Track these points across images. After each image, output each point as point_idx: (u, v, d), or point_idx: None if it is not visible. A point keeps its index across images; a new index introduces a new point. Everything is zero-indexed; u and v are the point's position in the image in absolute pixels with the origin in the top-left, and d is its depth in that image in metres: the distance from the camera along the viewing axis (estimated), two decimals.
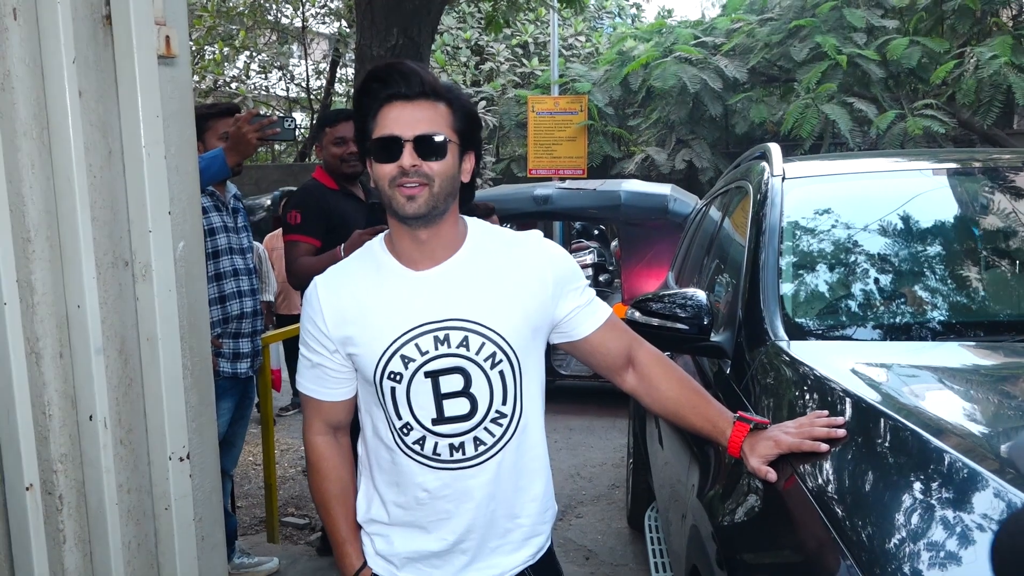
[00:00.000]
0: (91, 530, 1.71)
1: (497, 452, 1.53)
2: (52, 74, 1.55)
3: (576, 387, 6.73)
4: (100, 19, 1.65)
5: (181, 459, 1.80)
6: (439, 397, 1.49)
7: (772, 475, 1.50)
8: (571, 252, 11.00)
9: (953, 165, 2.76)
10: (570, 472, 5.07)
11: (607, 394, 6.28)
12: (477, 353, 1.49)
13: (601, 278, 11.43)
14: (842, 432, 1.48)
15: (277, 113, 16.16)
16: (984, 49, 8.68)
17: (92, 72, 1.63)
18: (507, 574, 1.58)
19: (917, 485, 1.31)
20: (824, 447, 1.46)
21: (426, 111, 1.46)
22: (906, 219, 2.38)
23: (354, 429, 1.65)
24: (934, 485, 1.30)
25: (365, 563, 1.60)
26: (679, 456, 2.33)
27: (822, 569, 1.26)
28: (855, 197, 2.60)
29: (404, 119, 1.45)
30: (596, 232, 13.06)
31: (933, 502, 1.26)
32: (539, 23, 16.20)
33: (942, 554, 1.17)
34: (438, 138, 1.45)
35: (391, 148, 1.44)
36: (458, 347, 1.49)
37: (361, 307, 1.51)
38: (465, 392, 1.49)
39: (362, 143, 1.51)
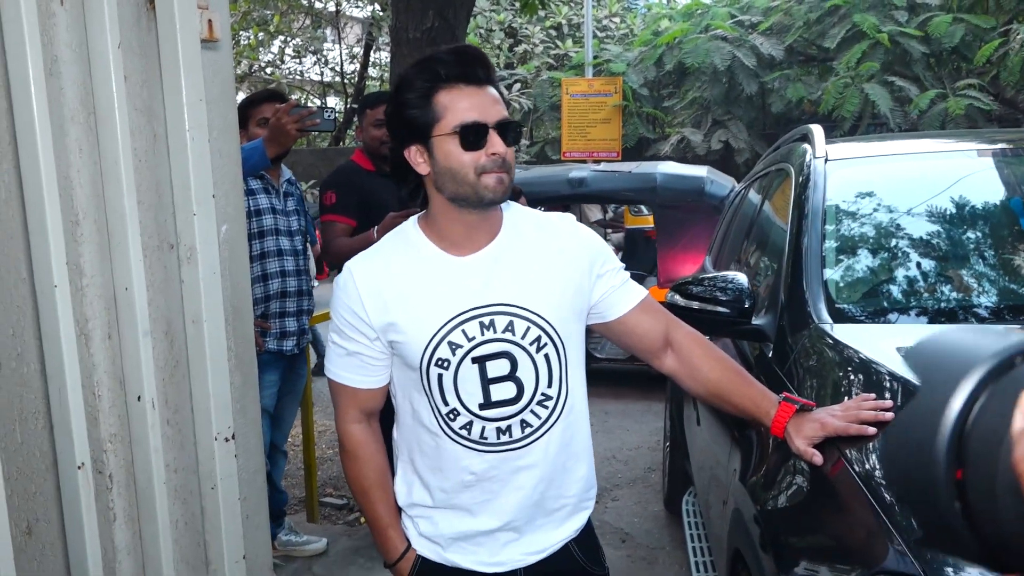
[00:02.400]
0: (140, 508, 1.74)
1: (543, 434, 1.53)
2: (98, 59, 1.56)
3: (611, 370, 6.71)
4: (144, 4, 1.66)
5: (227, 439, 1.82)
6: (486, 382, 1.49)
7: (818, 458, 1.48)
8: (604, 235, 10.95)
9: (1000, 146, 2.70)
10: (606, 455, 5.06)
11: (643, 377, 6.25)
12: (523, 337, 1.49)
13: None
14: (890, 415, 1.46)
15: (317, 103, 16.24)
16: None
17: (137, 57, 1.64)
18: (551, 549, 1.59)
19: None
20: (872, 430, 1.44)
21: (496, 97, 1.46)
22: (952, 201, 2.33)
23: (382, 415, 1.65)
24: None
25: (409, 545, 1.61)
26: (719, 440, 2.32)
27: (870, 553, 1.25)
28: (900, 179, 2.56)
29: (484, 105, 1.43)
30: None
31: None
32: (573, 4, 16.07)
33: None
34: (515, 123, 1.46)
35: (476, 135, 1.42)
36: (504, 332, 1.48)
37: (403, 293, 1.49)
38: (511, 376, 1.49)
39: (411, 129, 1.46)
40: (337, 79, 16.69)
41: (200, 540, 1.87)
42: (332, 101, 17.53)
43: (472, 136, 1.42)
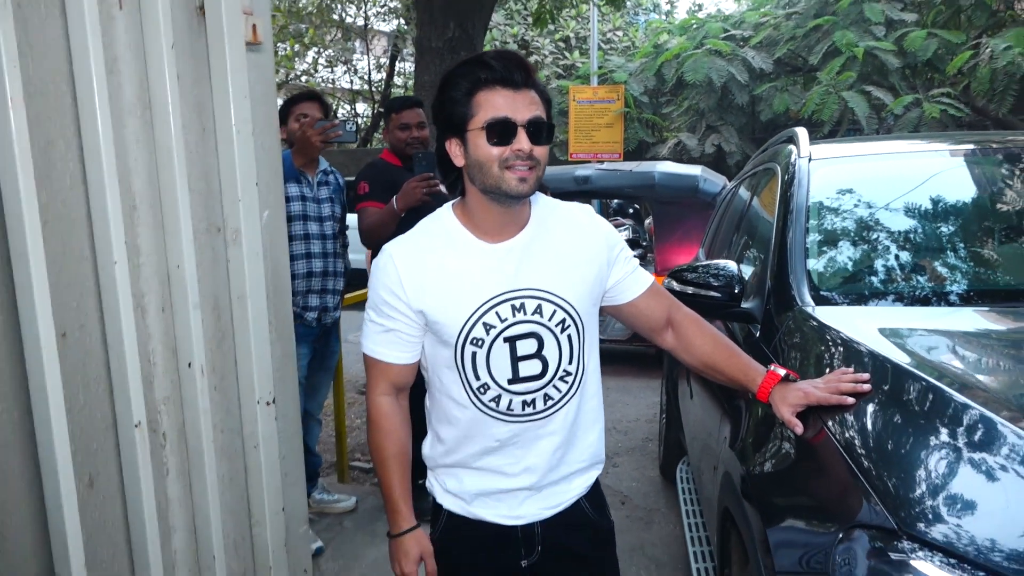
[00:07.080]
0: (191, 464, 1.76)
1: (563, 406, 1.54)
2: (153, 59, 1.57)
3: (612, 350, 6.69)
4: (195, 9, 1.67)
5: (268, 403, 1.83)
6: (515, 360, 1.49)
7: (800, 428, 1.48)
8: None
9: (971, 146, 2.68)
10: (608, 426, 5.06)
11: (641, 357, 6.24)
12: (550, 319, 1.49)
13: (635, 253, 11.31)
14: (867, 387, 1.45)
15: (345, 109, 16.22)
16: (999, 41, 8.35)
17: (188, 57, 1.65)
18: (565, 504, 1.60)
19: (941, 437, 1.29)
20: (850, 400, 1.44)
21: (533, 99, 1.42)
22: (925, 197, 2.32)
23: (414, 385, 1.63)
24: (956, 436, 1.27)
25: (417, 525, 1.59)
26: (711, 412, 2.32)
27: (848, 508, 1.25)
28: (878, 177, 2.54)
29: (517, 104, 1.40)
30: (631, 211, 12.92)
31: (955, 453, 1.24)
32: (580, 19, 15.99)
33: (963, 500, 1.16)
34: (547, 124, 1.42)
35: (503, 131, 1.40)
36: (533, 314, 1.48)
37: (442, 277, 1.48)
38: (538, 354, 1.49)
39: (451, 123, 1.45)
40: (365, 87, 16.67)
41: (244, 494, 1.88)
42: (361, 107, 17.52)
43: (499, 131, 1.40)
